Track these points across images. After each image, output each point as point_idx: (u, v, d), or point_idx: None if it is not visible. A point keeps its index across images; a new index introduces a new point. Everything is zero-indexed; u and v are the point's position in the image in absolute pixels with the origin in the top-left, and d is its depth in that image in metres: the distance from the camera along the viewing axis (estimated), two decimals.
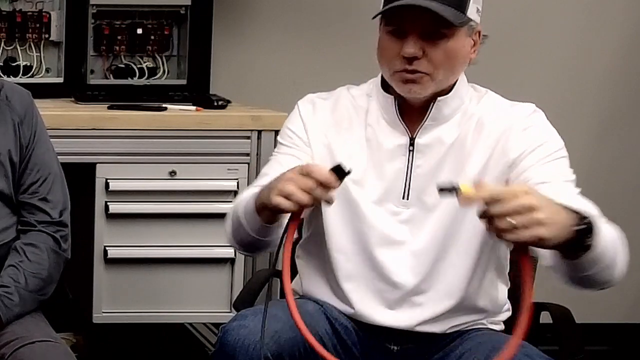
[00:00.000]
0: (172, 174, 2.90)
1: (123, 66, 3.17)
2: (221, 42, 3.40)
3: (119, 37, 3.14)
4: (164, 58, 3.20)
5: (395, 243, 2.09)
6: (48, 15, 3.08)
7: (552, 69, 3.66)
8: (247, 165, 2.91)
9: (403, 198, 2.09)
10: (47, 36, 3.10)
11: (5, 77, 3.01)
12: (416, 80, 2.02)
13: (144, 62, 3.18)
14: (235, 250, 2.14)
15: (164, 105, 2.97)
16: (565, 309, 2.25)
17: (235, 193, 2.88)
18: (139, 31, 3.14)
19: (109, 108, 2.93)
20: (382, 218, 2.09)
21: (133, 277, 2.93)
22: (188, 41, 3.17)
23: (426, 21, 1.99)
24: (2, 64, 3.09)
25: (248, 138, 2.90)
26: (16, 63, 3.10)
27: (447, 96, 2.08)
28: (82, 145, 2.85)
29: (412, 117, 2.10)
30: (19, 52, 3.11)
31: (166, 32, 3.17)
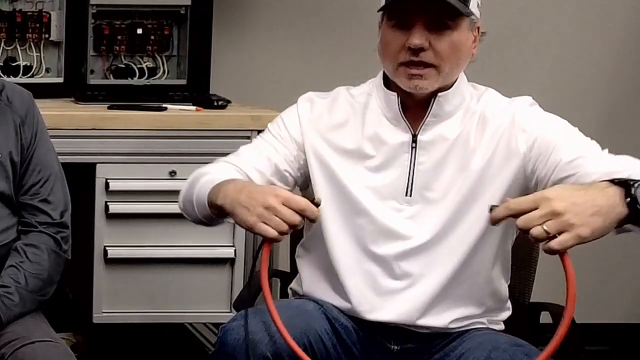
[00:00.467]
0: (172, 174, 2.90)
1: (123, 66, 3.17)
2: (221, 42, 3.40)
3: (119, 37, 3.14)
4: (164, 58, 3.20)
5: (397, 239, 2.09)
6: (48, 15, 3.08)
7: (552, 69, 3.66)
8: None
9: (406, 195, 2.09)
10: (47, 36, 3.10)
11: (5, 77, 3.01)
12: (422, 75, 2.03)
13: (144, 62, 3.18)
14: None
15: (164, 105, 2.97)
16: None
17: None
18: (139, 31, 3.14)
19: (109, 108, 2.93)
20: (385, 215, 2.09)
21: (133, 277, 2.93)
22: (188, 41, 3.17)
23: (430, 12, 2.00)
24: (2, 64, 3.09)
25: (248, 138, 2.90)
26: (16, 63, 3.10)
27: (448, 92, 2.08)
28: (82, 145, 2.86)
29: (414, 114, 2.11)
30: (19, 52, 3.11)
31: (166, 32, 3.17)
